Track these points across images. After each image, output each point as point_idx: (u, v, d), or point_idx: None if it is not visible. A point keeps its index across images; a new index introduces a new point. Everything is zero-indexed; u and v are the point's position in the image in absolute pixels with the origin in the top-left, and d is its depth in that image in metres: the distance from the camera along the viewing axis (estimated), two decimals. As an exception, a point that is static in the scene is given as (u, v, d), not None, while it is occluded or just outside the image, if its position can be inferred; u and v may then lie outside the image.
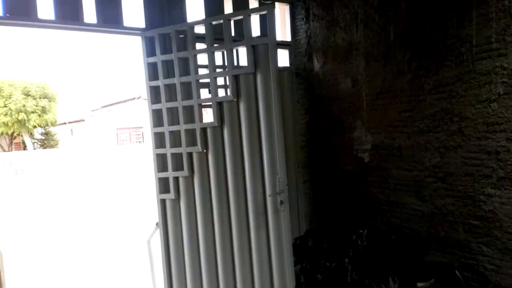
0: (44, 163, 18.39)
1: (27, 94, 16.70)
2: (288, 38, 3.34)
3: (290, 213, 2.51)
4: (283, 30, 3.37)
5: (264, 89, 2.43)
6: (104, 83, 30.24)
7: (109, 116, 22.98)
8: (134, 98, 24.18)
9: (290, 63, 3.35)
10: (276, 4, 3.23)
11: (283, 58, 3.35)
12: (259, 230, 2.52)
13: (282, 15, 3.34)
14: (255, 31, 2.78)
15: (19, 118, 16.51)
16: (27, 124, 16.97)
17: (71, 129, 24.41)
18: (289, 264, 2.48)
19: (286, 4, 3.28)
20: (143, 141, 23.09)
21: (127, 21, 2.50)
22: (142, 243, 4.43)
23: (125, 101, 25.13)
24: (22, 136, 18.78)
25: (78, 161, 19.09)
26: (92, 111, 26.70)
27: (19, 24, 2.28)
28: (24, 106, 16.45)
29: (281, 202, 2.42)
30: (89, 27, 2.40)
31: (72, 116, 24.56)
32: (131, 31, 2.57)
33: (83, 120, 23.10)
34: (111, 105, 26.19)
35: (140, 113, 21.70)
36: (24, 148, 20.36)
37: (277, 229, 2.48)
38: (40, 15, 2.23)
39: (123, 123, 22.72)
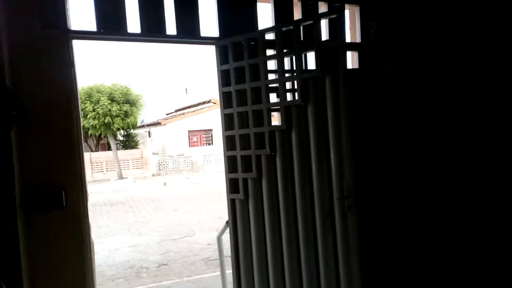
0: (126, 162, 20.23)
1: (112, 100, 18.45)
2: (357, 39, 3.28)
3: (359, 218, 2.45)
4: (352, 31, 3.30)
5: (332, 93, 2.42)
6: (178, 88, 32.22)
7: (182, 119, 24.42)
8: (204, 102, 25.40)
9: (360, 65, 3.28)
10: (346, 5, 3.19)
11: (352, 60, 3.29)
12: (325, 234, 2.51)
13: (351, 16, 3.29)
14: (324, 34, 2.77)
15: (105, 121, 18.30)
16: (112, 127, 18.73)
17: (149, 131, 26.41)
18: (356, 270, 2.42)
19: (356, 5, 3.23)
20: (212, 143, 24.08)
21: (203, 32, 2.67)
22: (214, 239, 4.63)
23: (196, 105, 26.51)
24: (107, 137, 20.75)
25: (156, 160, 20.72)
26: (166, 114, 28.62)
27: (111, 38, 2.58)
28: (109, 110, 18.20)
29: (349, 207, 2.38)
30: (170, 39, 2.62)
31: (150, 119, 26.59)
32: (207, 40, 2.74)
33: (159, 123, 24.86)
34: (183, 109, 27.83)
35: (209, 116, 22.72)
36: (109, 148, 22.47)
37: (344, 234, 2.45)
38: (129, 30, 2.48)
39: (194, 126, 23.99)
